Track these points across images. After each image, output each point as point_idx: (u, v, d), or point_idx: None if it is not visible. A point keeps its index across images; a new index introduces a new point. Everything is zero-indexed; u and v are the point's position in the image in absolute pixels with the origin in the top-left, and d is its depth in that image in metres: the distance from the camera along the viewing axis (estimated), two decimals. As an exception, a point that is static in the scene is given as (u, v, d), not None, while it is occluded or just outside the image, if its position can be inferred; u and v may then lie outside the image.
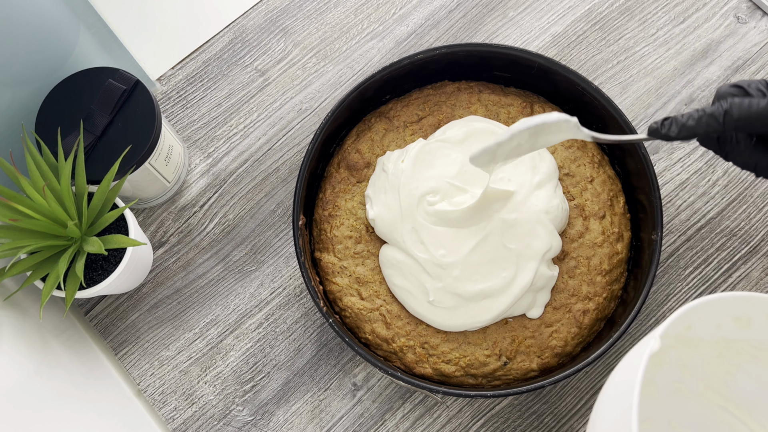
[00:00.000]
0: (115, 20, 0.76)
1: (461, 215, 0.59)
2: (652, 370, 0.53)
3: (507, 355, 0.60)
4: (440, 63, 0.65)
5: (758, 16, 0.73)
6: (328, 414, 0.64)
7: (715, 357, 0.52)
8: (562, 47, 0.74)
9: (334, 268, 0.62)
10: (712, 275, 0.66)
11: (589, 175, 0.63)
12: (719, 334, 0.50)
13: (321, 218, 0.64)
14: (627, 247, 0.63)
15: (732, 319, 0.48)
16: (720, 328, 0.49)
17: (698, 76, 0.72)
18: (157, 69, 0.74)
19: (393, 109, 0.66)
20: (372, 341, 0.61)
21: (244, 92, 0.73)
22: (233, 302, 0.67)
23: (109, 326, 0.67)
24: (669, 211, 0.68)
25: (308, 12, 0.76)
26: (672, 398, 0.55)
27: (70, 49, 0.62)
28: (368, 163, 0.65)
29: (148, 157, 0.60)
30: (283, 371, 0.65)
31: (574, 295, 0.61)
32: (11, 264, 0.55)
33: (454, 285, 0.59)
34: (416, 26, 0.75)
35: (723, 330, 0.50)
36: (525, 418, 0.63)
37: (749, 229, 0.67)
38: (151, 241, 0.69)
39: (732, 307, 0.47)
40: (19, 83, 0.59)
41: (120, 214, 0.58)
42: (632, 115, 0.71)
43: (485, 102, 0.66)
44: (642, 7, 0.74)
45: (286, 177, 0.71)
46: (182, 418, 0.64)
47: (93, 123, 0.59)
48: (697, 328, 0.49)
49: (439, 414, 0.64)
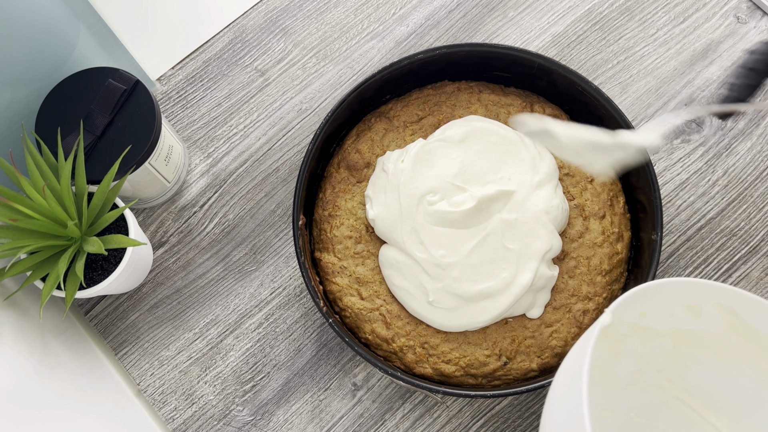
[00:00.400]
0: (115, 20, 0.76)
1: (461, 216, 0.59)
2: (610, 359, 0.53)
3: (507, 355, 0.60)
4: (440, 63, 0.65)
5: (758, 16, 0.73)
6: (328, 414, 0.64)
7: (671, 348, 0.53)
8: (562, 47, 0.74)
9: (334, 268, 0.62)
10: (712, 275, 0.66)
11: (589, 175, 0.63)
12: (673, 324, 0.51)
13: (321, 218, 0.64)
14: (627, 247, 0.63)
15: (684, 308, 0.49)
16: (673, 317, 0.50)
17: (698, 76, 0.72)
18: (157, 69, 0.74)
19: (393, 109, 0.66)
20: (372, 341, 0.61)
21: (244, 92, 0.73)
22: (233, 302, 0.67)
23: (109, 326, 0.67)
24: (669, 211, 0.68)
25: (308, 12, 0.76)
26: (630, 389, 0.55)
27: (70, 49, 0.62)
28: (368, 163, 0.65)
29: (148, 157, 0.60)
30: (283, 371, 0.65)
31: (574, 295, 0.61)
32: (11, 264, 0.55)
33: (454, 285, 0.59)
34: (416, 26, 0.75)
35: (676, 319, 0.50)
36: (525, 418, 0.63)
37: (749, 229, 0.67)
38: (151, 241, 0.69)
39: (682, 293, 0.48)
40: (19, 83, 0.59)
41: (120, 214, 0.58)
42: (632, 115, 0.71)
43: (485, 102, 0.66)
44: (642, 7, 0.74)
45: (286, 177, 0.71)
46: (182, 418, 0.64)
47: (93, 123, 0.59)
48: (651, 316, 0.50)
49: (439, 414, 0.64)
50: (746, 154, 0.69)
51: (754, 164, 0.69)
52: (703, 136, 0.70)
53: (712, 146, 0.70)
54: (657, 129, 0.48)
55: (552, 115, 0.65)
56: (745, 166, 0.69)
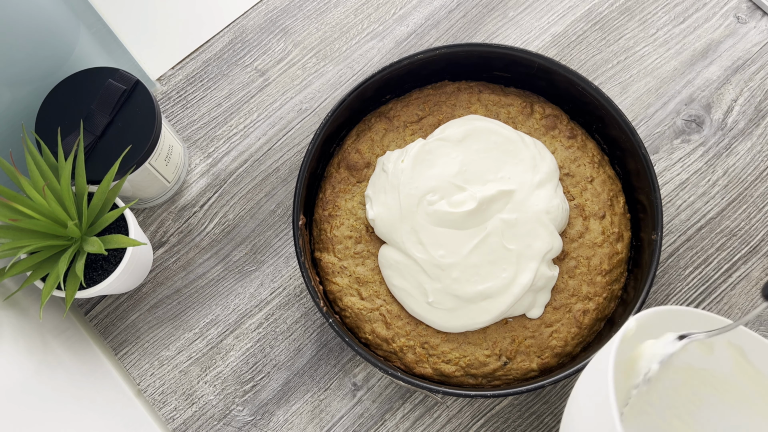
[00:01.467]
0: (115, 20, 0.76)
1: (461, 217, 0.59)
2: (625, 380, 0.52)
3: (507, 355, 0.60)
4: (440, 63, 0.65)
5: (758, 16, 0.73)
6: (328, 414, 0.64)
7: (681, 384, 0.51)
8: (562, 47, 0.74)
9: (334, 268, 0.62)
10: (712, 275, 0.66)
11: (589, 175, 0.63)
12: (685, 360, 0.49)
13: (321, 218, 0.64)
14: (627, 247, 0.63)
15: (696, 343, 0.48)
16: (686, 352, 0.49)
17: (698, 76, 0.72)
18: (157, 69, 0.74)
19: (393, 109, 0.66)
20: (372, 341, 0.61)
21: (244, 92, 0.73)
22: (233, 302, 0.67)
23: (109, 326, 0.67)
24: (669, 211, 0.68)
25: (308, 12, 0.76)
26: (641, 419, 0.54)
27: (70, 49, 0.62)
28: (368, 163, 0.65)
29: (148, 157, 0.60)
30: (283, 371, 0.65)
31: (574, 295, 0.61)
32: (11, 264, 0.55)
33: (453, 286, 0.59)
34: (416, 26, 0.75)
35: (689, 355, 0.49)
36: (525, 418, 0.63)
37: (749, 229, 0.67)
38: (151, 241, 0.69)
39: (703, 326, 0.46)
40: (19, 83, 0.59)
41: (120, 214, 0.58)
42: (632, 115, 0.71)
43: (485, 102, 0.66)
44: (642, 7, 0.74)
45: (286, 177, 0.71)
46: (182, 418, 0.64)
47: (93, 123, 0.59)
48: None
49: (439, 414, 0.64)
50: (746, 154, 0.69)
51: (754, 164, 0.69)
52: (703, 136, 0.70)
53: (712, 146, 0.70)
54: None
55: (552, 115, 0.65)
56: (745, 166, 0.69)
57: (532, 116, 0.66)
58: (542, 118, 0.65)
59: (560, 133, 0.65)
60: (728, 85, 0.72)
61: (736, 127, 0.70)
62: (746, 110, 0.71)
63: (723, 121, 0.70)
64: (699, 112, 0.71)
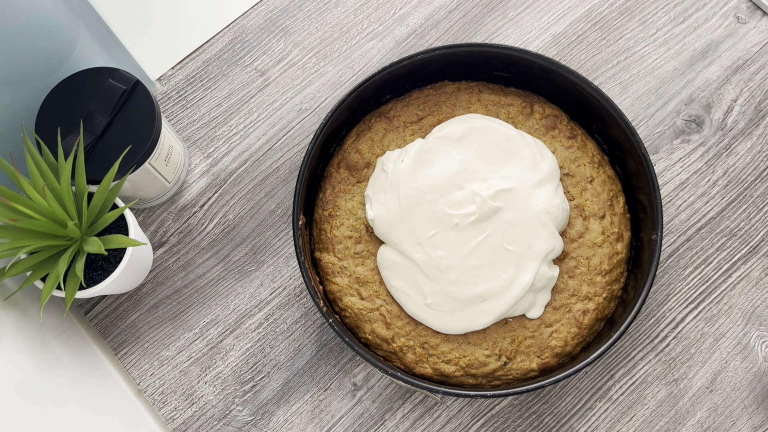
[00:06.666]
0: (115, 20, 0.76)
1: (460, 219, 0.59)
2: None
3: (507, 355, 0.60)
4: (440, 63, 0.65)
5: (758, 16, 0.73)
6: (328, 414, 0.64)
7: None
8: (562, 47, 0.74)
9: (334, 268, 0.62)
10: (712, 275, 0.66)
11: (589, 175, 0.63)
12: None
13: (321, 218, 0.64)
14: (627, 247, 0.63)
15: None
16: None
17: (698, 76, 0.72)
18: (157, 69, 0.74)
19: (393, 109, 0.66)
20: (372, 341, 0.61)
21: (244, 92, 0.73)
22: (233, 302, 0.67)
23: (109, 326, 0.67)
24: (669, 211, 0.68)
25: (308, 12, 0.76)
26: None
27: (70, 49, 0.62)
28: (368, 163, 0.65)
29: (148, 157, 0.60)
30: (283, 371, 0.65)
31: (574, 295, 0.61)
32: (11, 264, 0.55)
33: (452, 289, 0.59)
34: (416, 26, 0.75)
35: None
36: (525, 418, 0.63)
37: (749, 229, 0.67)
38: (151, 241, 0.69)
39: None
40: (19, 83, 0.59)
41: (120, 214, 0.58)
42: (632, 115, 0.71)
43: (485, 102, 0.66)
44: (642, 7, 0.74)
45: (286, 177, 0.71)
46: (182, 418, 0.64)
47: (93, 123, 0.59)
48: None
49: (439, 414, 0.64)
50: (746, 154, 0.69)
51: (754, 164, 0.69)
52: (703, 136, 0.70)
53: (712, 146, 0.70)
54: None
55: (552, 115, 0.65)
56: (745, 166, 0.69)
57: (532, 116, 0.66)
58: (542, 118, 0.65)
59: (560, 133, 0.65)
60: (728, 85, 0.72)
61: (736, 127, 0.70)
62: (746, 110, 0.71)
63: (723, 121, 0.70)
64: (699, 112, 0.71)
